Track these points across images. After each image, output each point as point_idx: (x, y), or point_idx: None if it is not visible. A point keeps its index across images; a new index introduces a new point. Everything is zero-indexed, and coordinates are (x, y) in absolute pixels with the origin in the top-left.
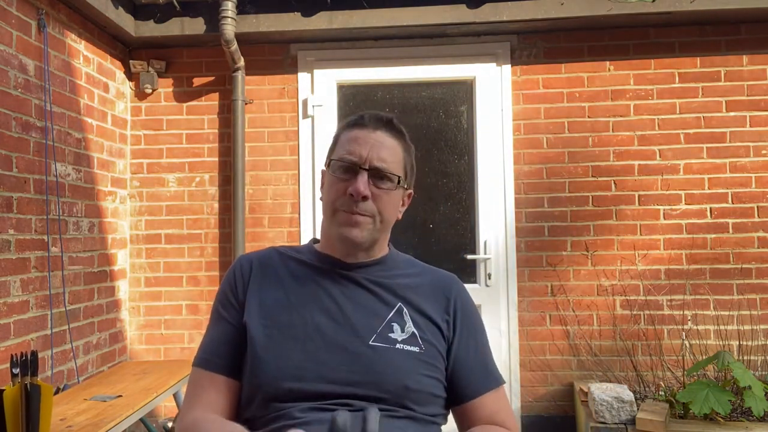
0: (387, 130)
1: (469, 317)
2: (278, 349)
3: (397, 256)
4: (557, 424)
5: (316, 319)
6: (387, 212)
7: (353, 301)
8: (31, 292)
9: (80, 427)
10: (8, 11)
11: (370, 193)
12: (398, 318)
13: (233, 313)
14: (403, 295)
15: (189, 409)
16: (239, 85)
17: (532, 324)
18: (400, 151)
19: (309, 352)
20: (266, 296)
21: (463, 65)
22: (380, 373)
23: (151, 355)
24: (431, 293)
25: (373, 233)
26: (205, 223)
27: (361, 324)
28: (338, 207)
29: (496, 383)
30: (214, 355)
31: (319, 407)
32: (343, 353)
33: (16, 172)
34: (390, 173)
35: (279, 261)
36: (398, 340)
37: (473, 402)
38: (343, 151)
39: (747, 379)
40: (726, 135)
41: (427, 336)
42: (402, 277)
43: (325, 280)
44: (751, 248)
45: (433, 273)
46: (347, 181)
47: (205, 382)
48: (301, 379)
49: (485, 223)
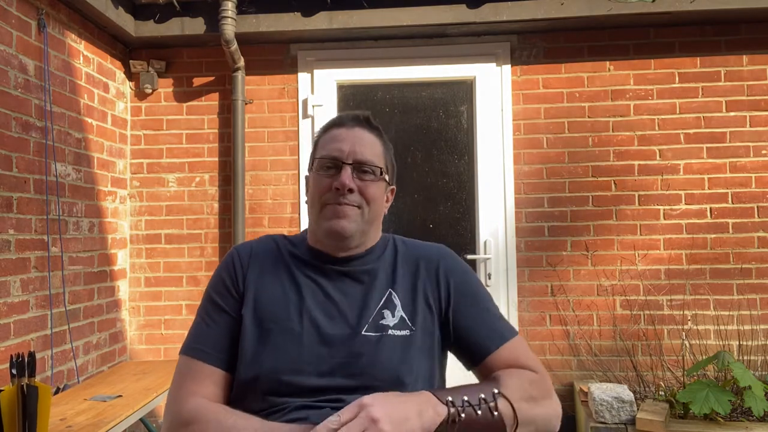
0: (365, 127)
1: (462, 282)
2: (275, 343)
3: (388, 240)
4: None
5: (311, 313)
6: (373, 203)
7: (344, 294)
8: (31, 292)
9: (80, 427)
10: (8, 11)
11: (356, 185)
12: (389, 304)
13: (231, 303)
14: (391, 279)
15: (188, 395)
16: (239, 85)
17: (532, 324)
18: (379, 146)
19: (305, 346)
20: (263, 289)
21: (463, 65)
22: (373, 364)
23: (151, 355)
24: (420, 269)
25: (361, 224)
26: (205, 223)
27: (354, 315)
28: (326, 201)
29: (503, 338)
30: (213, 348)
31: (315, 405)
32: (338, 346)
33: (16, 172)
34: (372, 165)
35: (276, 252)
36: (390, 325)
37: (487, 360)
38: (326, 150)
39: (747, 379)
40: (726, 135)
41: (418, 316)
42: (389, 262)
43: (318, 275)
44: (751, 248)
45: (420, 248)
46: (332, 176)
47: (200, 374)
48: (297, 373)
49: (485, 223)
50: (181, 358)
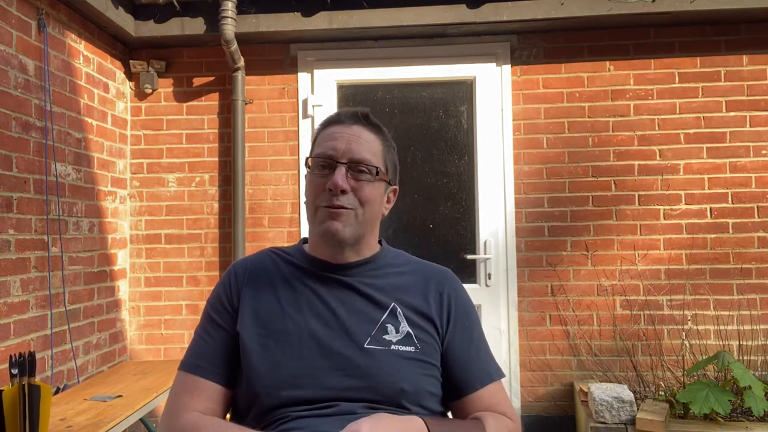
0: (363, 125)
1: (463, 312)
2: (273, 358)
3: (389, 252)
4: (557, 424)
5: (310, 325)
6: (369, 205)
7: (346, 305)
8: (31, 292)
9: (80, 427)
10: (8, 11)
11: (350, 186)
12: (392, 319)
13: (227, 319)
14: (396, 295)
15: (183, 409)
16: (239, 85)
17: (532, 324)
18: (378, 144)
19: (304, 359)
20: (260, 304)
21: (463, 65)
22: (376, 377)
23: (151, 355)
24: (425, 289)
25: (356, 228)
26: (205, 223)
27: (355, 328)
28: (319, 204)
29: (490, 378)
30: (209, 363)
31: (315, 412)
32: (339, 358)
33: (16, 172)
34: (368, 165)
35: (272, 265)
36: (393, 341)
37: (470, 397)
38: (321, 148)
39: (747, 379)
40: (726, 135)
41: (423, 333)
42: (394, 276)
43: (317, 284)
44: (751, 248)
45: (426, 267)
46: (326, 176)
47: (197, 389)
48: (297, 387)
49: (485, 223)
50: (178, 373)
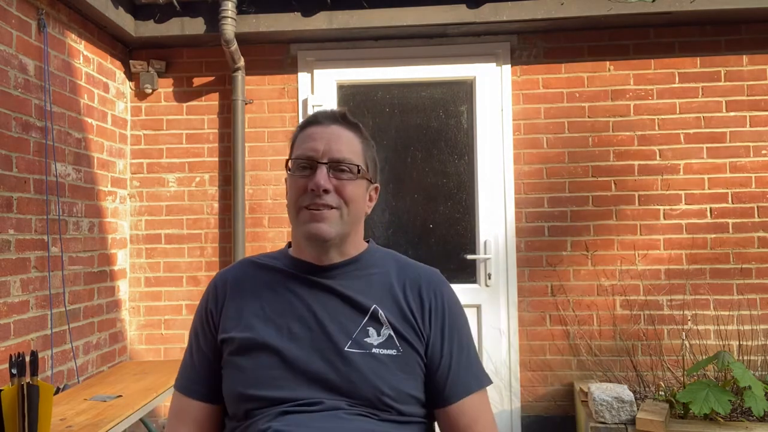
0: (341, 124)
1: (448, 314)
2: (255, 362)
3: (376, 251)
4: (557, 424)
5: (291, 328)
6: (353, 203)
7: (326, 308)
8: (31, 292)
9: (80, 427)
10: (8, 11)
11: (332, 185)
12: (373, 322)
13: (209, 333)
14: (379, 296)
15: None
16: (239, 85)
17: (532, 324)
18: (357, 143)
19: (286, 362)
20: (243, 311)
21: (463, 65)
22: (356, 381)
23: (151, 355)
24: (409, 290)
25: (341, 227)
26: (205, 223)
27: (336, 331)
28: (301, 205)
29: (470, 390)
30: (195, 383)
31: (302, 408)
32: (320, 361)
33: (16, 172)
34: (349, 163)
35: (252, 274)
36: (374, 344)
37: (453, 407)
38: (300, 150)
39: (747, 379)
40: (726, 135)
41: (405, 336)
42: (379, 275)
43: (299, 287)
44: (751, 248)
45: (413, 268)
46: (307, 177)
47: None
48: (279, 389)
49: (485, 223)
50: (173, 393)
